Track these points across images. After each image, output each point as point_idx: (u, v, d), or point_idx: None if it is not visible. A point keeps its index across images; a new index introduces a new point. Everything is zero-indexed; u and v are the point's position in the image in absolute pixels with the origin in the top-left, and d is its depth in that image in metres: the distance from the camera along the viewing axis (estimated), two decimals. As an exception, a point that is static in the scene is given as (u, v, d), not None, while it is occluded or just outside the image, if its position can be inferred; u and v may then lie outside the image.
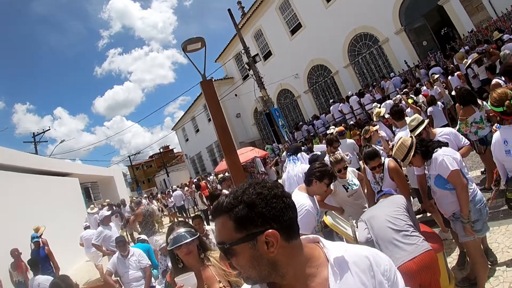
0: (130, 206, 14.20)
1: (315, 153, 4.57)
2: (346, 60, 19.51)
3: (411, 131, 3.84)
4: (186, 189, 16.71)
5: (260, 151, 14.36)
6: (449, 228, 3.60)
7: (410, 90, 11.39)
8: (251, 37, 24.90)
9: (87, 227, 8.61)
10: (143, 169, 56.28)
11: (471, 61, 9.58)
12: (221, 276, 1.94)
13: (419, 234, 2.52)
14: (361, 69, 19.23)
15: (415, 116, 3.90)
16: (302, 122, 20.91)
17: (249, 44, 21.21)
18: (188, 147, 36.86)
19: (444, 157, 2.85)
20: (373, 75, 18.52)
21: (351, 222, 2.74)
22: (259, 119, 26.88)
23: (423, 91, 10.29)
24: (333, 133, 7.02)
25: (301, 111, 23.82)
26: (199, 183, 14.12)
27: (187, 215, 15.27)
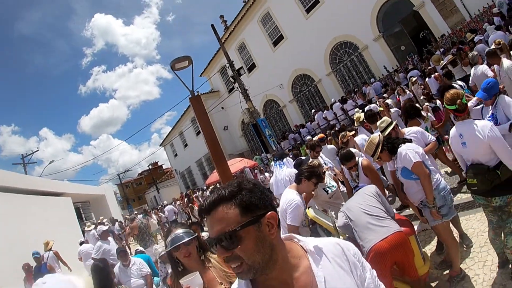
0: (119, 223, 14.38)
1: (299, 158, 4.90)
2: (328, 68, 20.07)
3: (381, 132, 4.23)
4: (178, 203, 16.85)
5: (249, 161, 14.67)
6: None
7: (390, 94, 11.82)
8: (235, 50, 25.35)
9: (83, 242, 8.78)
10: (133, 186, 55.79)
11: (446, 63, 10.04)
12: (223, 277, 1.92)
13: (391, 218, 2.86)
14: (343, 76, 19.79)
15: (384, 118, 4.36)
16: (288, 131, 21.29)
17: (233, 57, 21.65)
18: (177, 162, 36.87)
19: (407, 151, 3.24)
20: (355, 81, 19.05)
21: (330, 214, 3.07)
22: (247, 131, 27.14)
23: (392, 97, 10.76)
24: (314, 139, 7.41)
25: (287, 120, 24.25)
26: (191, 196, 14.31)
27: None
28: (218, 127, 26.73)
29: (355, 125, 7.17)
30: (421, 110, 5.70)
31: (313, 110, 19.03)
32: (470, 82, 6.89)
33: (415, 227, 4.65)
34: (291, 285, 0.98)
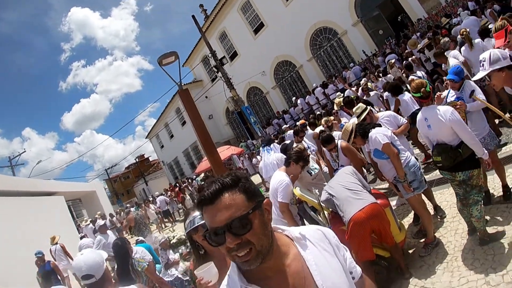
0: (110, 220, 14.64)
1: (284, 143, 5.30)
2: (309, 54, 20.43)
3: (357, 117, 4.68)
4: (168, 194, 17.16)
5: (236, 148, 15.01)
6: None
7: (368, 78, 12.18)
8: (216, 39, 25.40)
9: (83, 237, 9.10)
10: (121, 181, 55.49)
11: (422, 47, 10.44)
12: None
13: (368, 192, 3.30)
14: (324, 61, 20.20)
15: (359, 105, 4.82)
16: (272, 117, 21.62)
17: (215, 46, 21.72)
18: (164, 153, 36.94)
19: (376, 134, 3.68)
20: (335, 66, 19.48)
21: (314, 191, 3.50)
22: (232, 118, 27.43)
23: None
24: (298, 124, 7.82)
25: (270, 106, 24.59)
26: (181, 186, 14.61)
27: (173, 219, 15.71)
28: (203, 116, 26.29)
29: (336, 108, 7.57)
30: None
31: (294, 97, 19.41)
32: (442, 66, 7.31)
33: (394, 202, 5.14)
34: (284, 272, 0.99)
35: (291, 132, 8.21)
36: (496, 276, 2.80)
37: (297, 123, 8.49)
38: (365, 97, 8.36)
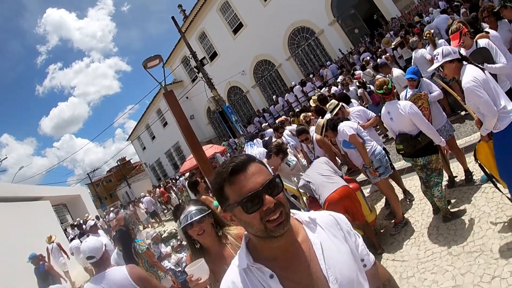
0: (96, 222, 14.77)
1: (264, 139, 5.75)
2: (287, 53, 20.95)
3: (330, 112, 5.22)
4: (152, 194, 17.35)
5: (218, 147, 15.30)
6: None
7: (346, 75, 12.66)
8: (196, 39, 25.61)
9: (72, 239, 9.38)
10: (103, 184, 54.75)
11: (394, 45, 10.98)
12: None
13: (340, 177, 3.77)
14: (302, 60, 20.76)
15: (332, 101, 5.42)
16: (253, 115, 22.02)
17: (194, 46, 21.93)
18: (146, 155, 36.88)
19: (344, 127, 4.18)
20: (313, 64, 20.04)
21: (293, 179, 3.94)
22: (213, 118, 27.65)
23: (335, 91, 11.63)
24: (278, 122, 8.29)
25: (251, 105, 24.98)
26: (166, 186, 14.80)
27: (160, 219, 15.88)
28: (184, 117, 26.85)
29: (312, 105, 8.07)
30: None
31: (274, 96, 19.82)
32: (412, 63, 7.83)
33: (369, 189, 5.64)
34: (291, 253, 1.02)
35: (270, 130, 8.67)
36: (457, 247, 3.22)
37: (276, 121, 8.99)
38: (344, 91, 8.86)
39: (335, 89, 12.00)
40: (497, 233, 3.07)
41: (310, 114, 6.73)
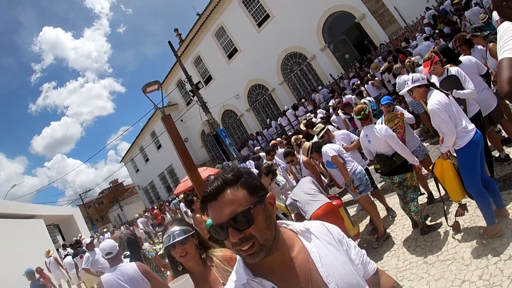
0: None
1: (256, 161, 6.10)
2: (280, 77, 21.57)
3: (317, 135, 5.60)
4: (146, 214, 17.45)
5: (212, 169, 15.48)
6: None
7: (336, 99, 13.01)
8: (191, 63, 26.17)
9: (66, 255, 9.63)
10: (95, 206, 54.28)
11: (382, 70, 11.46)
12: (226, 278, 1.70)
13: (323, 195, 4.05)
14: (294, 84, 21.34)
15: (318, 125, 5.83)
16: (247, 139, 22.37)
17: (190, 70, 22.33)
18: (139, 177, 36.81)
19: (327, 149, 4.56)
20: (305, 88, 20.55)
21: (281, 197, 4.23)
22: (207, 141, 27.86)
23: (323, 114, 11.98)
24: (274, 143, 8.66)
25: (245, 128, 25.36)
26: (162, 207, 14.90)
27: (153, 241, 15.90)
28: (179, 139, 27.00)
29: (303, 128, 8.47)
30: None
31: (268, 119, 20.29)
32: (397, 89, 8.27)
33: (355, 209, 5.95)
34: (290, 265, 1.00)
35: (263, 153, 9.03)
36: (432, 256, 3.51)
37: (269, 144, 9.41)
38: (333, 116, 9.25)
39: (322, 113, 12.38)
40: (469, 242, 3.36)
41: (301, 137, 7.12)
